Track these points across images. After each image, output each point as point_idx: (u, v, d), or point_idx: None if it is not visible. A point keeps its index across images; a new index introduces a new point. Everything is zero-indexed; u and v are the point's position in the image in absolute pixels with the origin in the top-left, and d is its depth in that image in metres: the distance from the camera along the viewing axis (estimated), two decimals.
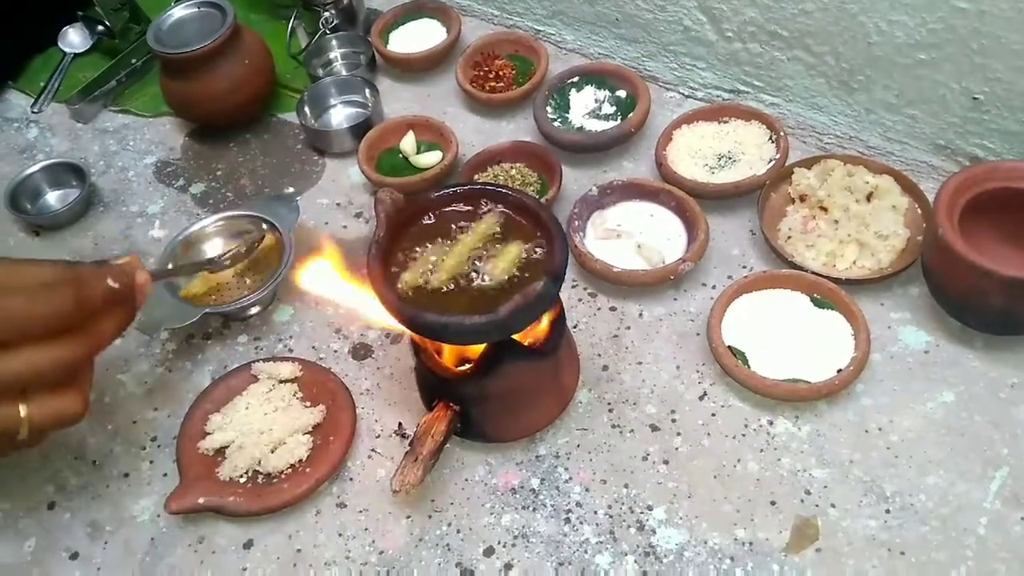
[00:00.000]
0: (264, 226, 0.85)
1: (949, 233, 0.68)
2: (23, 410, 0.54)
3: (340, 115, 1.04)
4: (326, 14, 1.08)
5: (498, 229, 0.65)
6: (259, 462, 0.71)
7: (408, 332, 0.64)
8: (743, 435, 0.71)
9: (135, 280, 0.60)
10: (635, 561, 0.65)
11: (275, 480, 0.71)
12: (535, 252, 0.64)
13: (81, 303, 0.55)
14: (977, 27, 0.73)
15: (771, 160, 0.85)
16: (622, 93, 0.95)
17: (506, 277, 0.62)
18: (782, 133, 0.86)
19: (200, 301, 0.81)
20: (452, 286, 0.62)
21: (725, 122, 0.90)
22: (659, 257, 0.80)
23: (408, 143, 0.95)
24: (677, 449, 0.71)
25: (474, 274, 0.63)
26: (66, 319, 0.54)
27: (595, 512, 0.68)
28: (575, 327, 0.79)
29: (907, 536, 0.64)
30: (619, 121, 0.92)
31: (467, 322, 0.58)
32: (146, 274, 0.62)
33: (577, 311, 0.81)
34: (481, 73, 1.01)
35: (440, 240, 0.65)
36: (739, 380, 0.71)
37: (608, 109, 0.94)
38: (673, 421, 0.72)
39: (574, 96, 0.96)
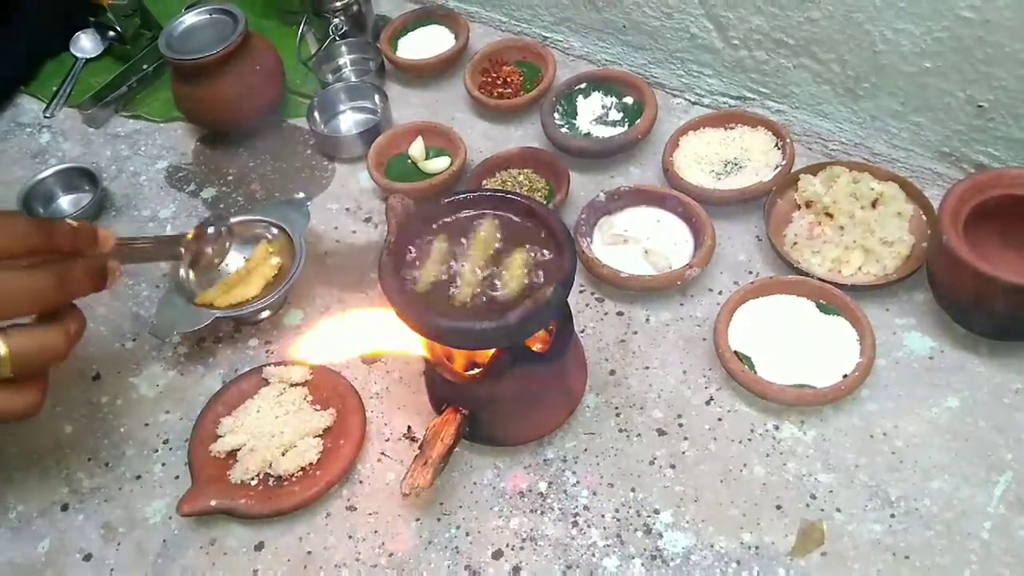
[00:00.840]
0: (275, 231, 0.86)
1: (954, 240, 0.69)
2: (1, 346, 0.56)
3: (349, 121, 1.05)
4: (335, 21, 1.09)
5: (498, 234, 0.66)
6: (270, 465, 0.72)
7: (419, 337, 0.65)
8: (749, 440, 0.71)
9: (97, 232, 0.62)
10: (642, 564, 0.66)
11: (286, 483, 0.71)
12: (540, 255, 0.64)
13: (39, 227, 0.57)
14: (982, 35, 0.74)
15: (777, 167, 0.86)
16: (629, 99, 0.96)
17: (520, 286, 0.62)
18: (788, 140, 0.87)
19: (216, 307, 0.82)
20: (474, 300, 0.63)
21: (731, 128, 0.91)
22: (666, 262, 0.81)
23: (417, 149, 0.96)
24: (684, 453, 0.71)
25: (491, 290, 0.63)
26: (26, 241, 0.56)
27: (602, 516, 0.68)
28: (582, 332, 0.80)
29: (912, 540, 0.65)
30: (626, 127, 0.93)
31: (477, 327, 0.59)
32: (110, 232, 0.63)
33: (584, 316, 0.81)
34: (489, 79, 1.02)
35: (450, 245, 0.66)
36: (745, 385, 0.72)
37: (615, 115, 0.95)
38: (680, 426, 0.73)
39: (581, 102, 0.97)
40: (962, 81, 0.78)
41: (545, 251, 0.65)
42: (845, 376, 0.71)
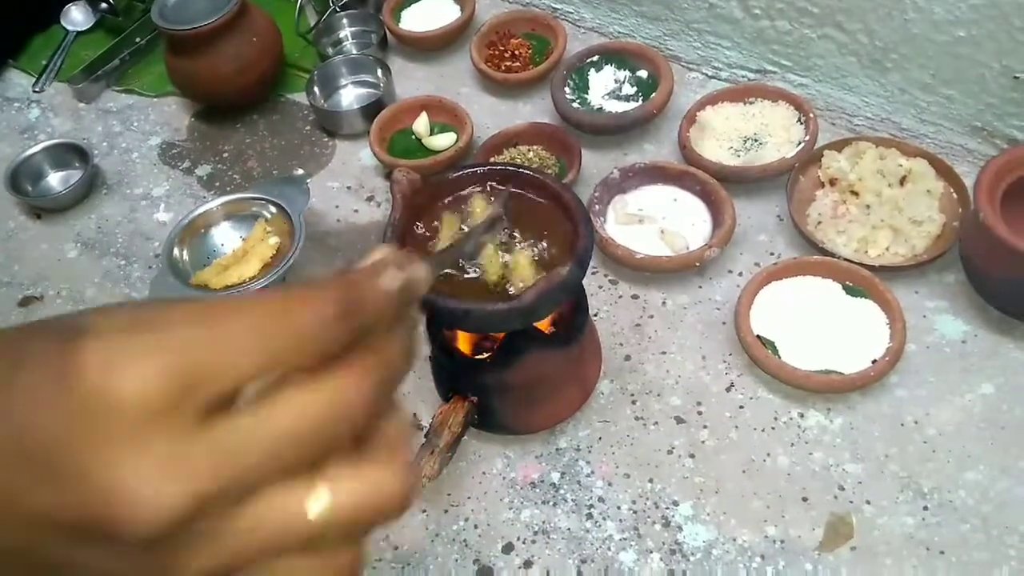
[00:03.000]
0: (273, 209, 0.83)
1: (990, 217, 0.65)
2: (320, 501, 0.27)
3: (351, 95, 1.01)
4: None
5: (486, 205, 0.63)
6: None
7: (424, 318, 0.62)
8: (772, 428, 0.68)
9: (420, 273, 0.34)
10: (661, 559, 0.62)
11: None
12: (542, 242, 0.61)
13: (349, 309, 0.28)
14: (1020, 1, 0.70)
15: (799, 143, 0.82)
16: (643, 73, 0.92)
17: (536, 277, 0.59)
18: (811, 114, 0.83)
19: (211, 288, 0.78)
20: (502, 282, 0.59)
21: (751, 103, 0.87)
22: (683, 243, 0.78)
23: (421, 124, 0.92)
24: (703, 442, 0.68)
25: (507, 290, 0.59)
26: (331, 335, 0.28)
27: (618, 507, 0.65)
28: (596, 315, 0.76)
29: (946, 534, 0.61)
30: (640, 102, 0.89)
31: (489, 308, 0.56)
32: (423, 265, 0.36)
33: (598, 298, 0.78)
34: (497, 52, 0.98)
35: (460, 222, 0.62)
36: (769, 371, 0.69)
37: (629, 90, 0.91)
38: (699, 413, 0.70)
39: (593, 76, 0.93)
40: (997, 51, 0.74)
41: (541, 239, 0.61)
42: (874, 361, 0.68)
